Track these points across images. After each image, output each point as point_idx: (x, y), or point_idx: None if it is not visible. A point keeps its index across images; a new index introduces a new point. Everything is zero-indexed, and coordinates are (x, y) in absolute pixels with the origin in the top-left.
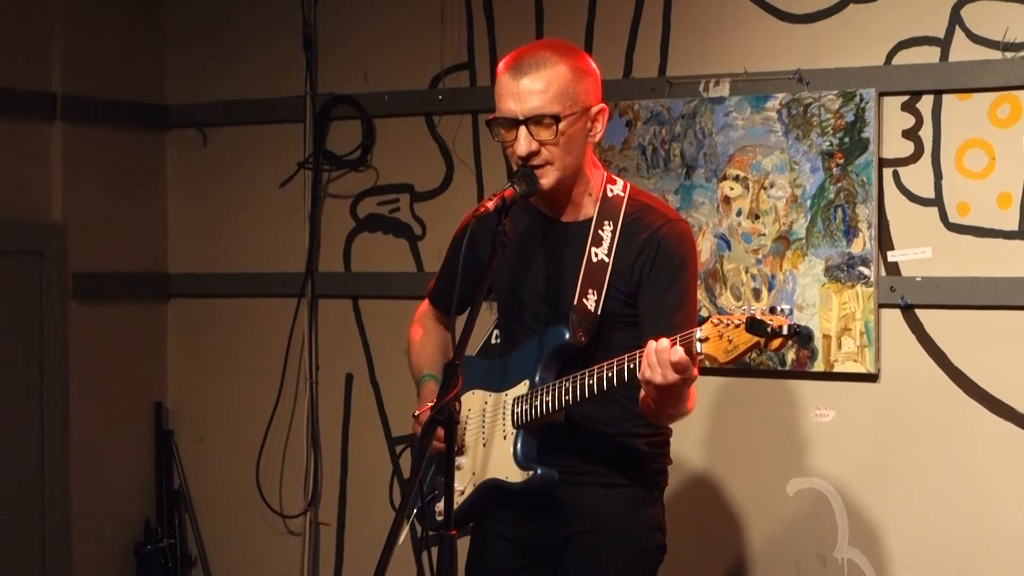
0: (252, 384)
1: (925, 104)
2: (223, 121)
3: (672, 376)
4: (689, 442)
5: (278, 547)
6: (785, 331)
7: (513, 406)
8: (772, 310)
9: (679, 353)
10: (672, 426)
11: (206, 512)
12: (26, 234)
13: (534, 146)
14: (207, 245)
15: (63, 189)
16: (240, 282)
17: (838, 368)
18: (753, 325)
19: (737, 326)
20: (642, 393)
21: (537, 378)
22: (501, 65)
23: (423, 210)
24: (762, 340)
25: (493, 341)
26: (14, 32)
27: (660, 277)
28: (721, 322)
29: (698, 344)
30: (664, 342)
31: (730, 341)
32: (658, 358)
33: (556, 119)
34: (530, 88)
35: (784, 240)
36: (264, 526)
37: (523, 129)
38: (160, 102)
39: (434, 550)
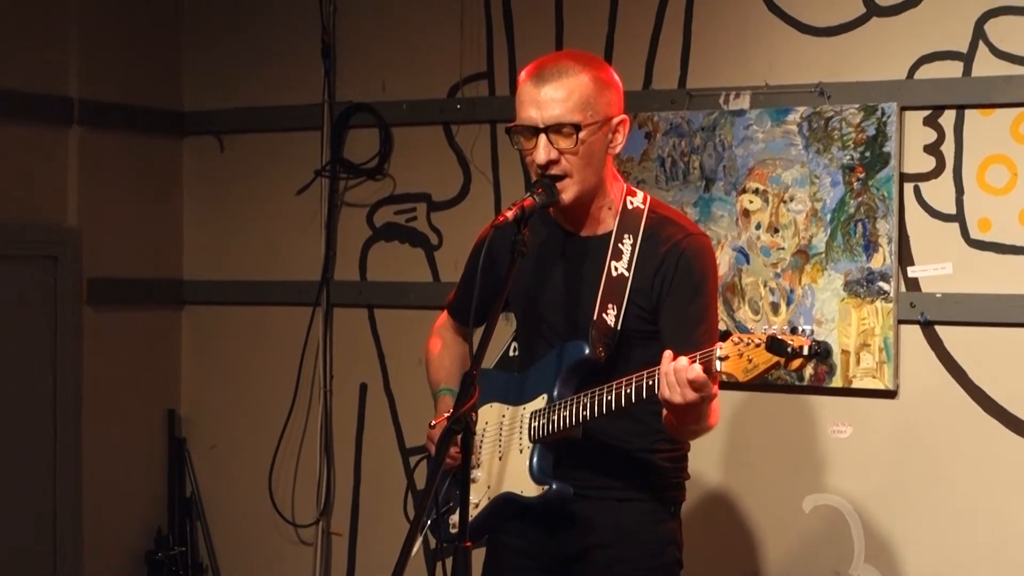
0: (266, 392)
1: (947, 119)
2: (240, 128)
3: (691, 395)
4: (704, 457)
5: (290, 556)
6: (806, 351)
7: (531, 420)
8: (793, 330)
9: (696, 371)
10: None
11: (218, 520)
12: (41, 239)
13: (553, 154)
14: (222, 252)
15: (79, 194)
16: (255, 290)
17: (856, 384)
18: (773, 345)
19: (757, 345)
20: (664, 410)
21: (555, 393)
22: (523, 74)
23: (440, 220)
24: (782, 360)
25: (511, 354)
26: (32, 36)
27: (681, 292)
28: (741, 340)
29: (718, 363)
30: (682, 360)
31: (750, 360)
32: (676, 377)
33: (577, 128)
34: (552, 96)
35: (803, 254)
36: (276, 535)
37: (543, 137)
38: (177, 108)
39: (448, 561)
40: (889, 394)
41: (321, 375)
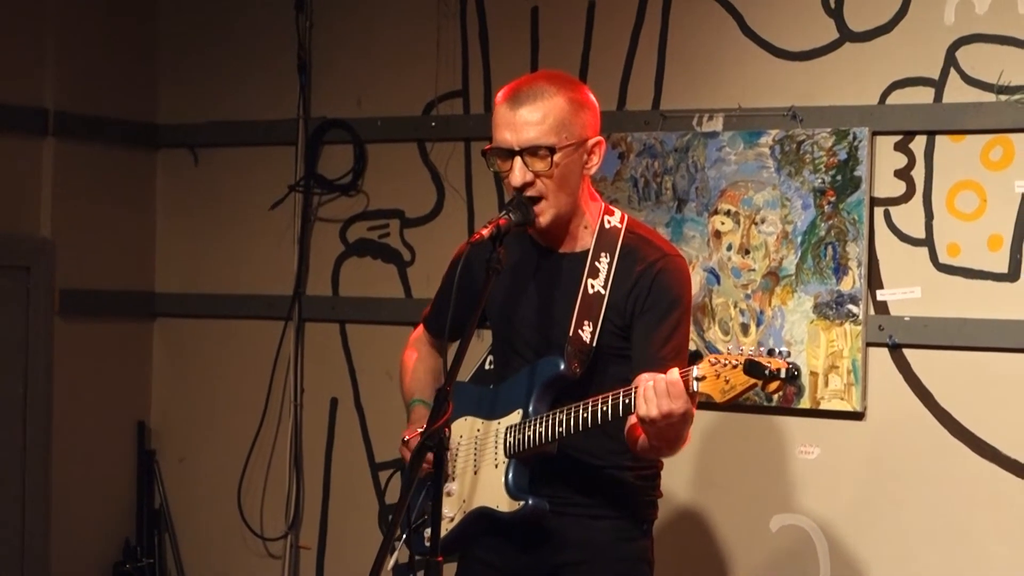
0: (236, 406)
1: (918, 144)
2: (215, 142)
3: (667, 405)
4: (672, 476)
5: (258, 569)
6: (783, 374)
7: (506, 435)
8: (770, 352)
9: (674, 375)
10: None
11: (186, 532)
12: (14, 249)
13: (529, 177)
14: (195, 265)
15: (52, 205)
16: (227, 303)
17: (824, 405)
18: (751, 367)
19: (735, 367)
20: (627, 424)
21: (531, 408)
22: (500, 95)
23: (413, 236)
24: (760, 382)
25: (487, 367)
26: (7, 47)
27: (653, 311)
28: (719, 362)
29: (695, 383)
30: (658, 375)
31: (727, 381)
32: (655, 388)
33: (551, 151)
34: (526, 119)
35: (774, 276)
36: (244, 548)
37: (518, 160)
38: (152, 121)
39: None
40: (856, 416)
41: (292, 389)
